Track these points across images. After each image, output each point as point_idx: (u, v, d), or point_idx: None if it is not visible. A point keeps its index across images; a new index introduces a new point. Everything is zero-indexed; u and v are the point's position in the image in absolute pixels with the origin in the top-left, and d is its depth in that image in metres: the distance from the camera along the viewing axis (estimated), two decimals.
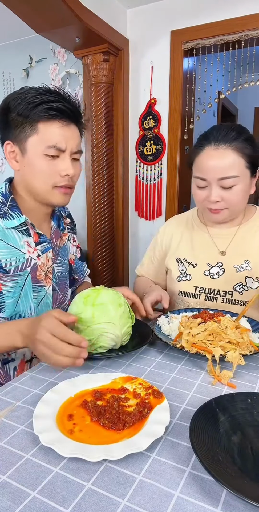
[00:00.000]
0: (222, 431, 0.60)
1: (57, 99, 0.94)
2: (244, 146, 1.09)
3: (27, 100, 0.92)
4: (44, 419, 0.64)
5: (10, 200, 1.00)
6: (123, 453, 0.56)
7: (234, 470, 0.52)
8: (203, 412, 0.63)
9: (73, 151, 0.98)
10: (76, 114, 0.98)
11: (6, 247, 0.96)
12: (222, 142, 1.09)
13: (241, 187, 1.11)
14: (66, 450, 0.57)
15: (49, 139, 0.93)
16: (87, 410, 0.67)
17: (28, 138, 0.93)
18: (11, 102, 0.94)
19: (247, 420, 0.63)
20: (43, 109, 0.91)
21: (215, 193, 1.11)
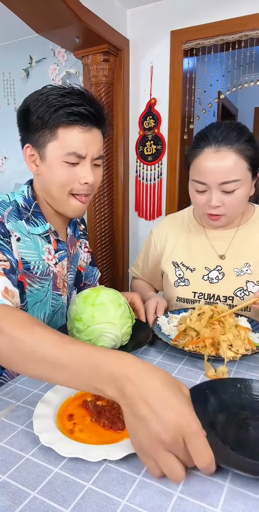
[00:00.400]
0: (210, 410, 0.65)
1: (80, 102, 0.88)
2: (246, 147, 1.03)
3: (48, 103, 0.87)
4: (44, 419, 0.64)
5: (34, 206, 0.96)
6: (123, 453, 0.56)
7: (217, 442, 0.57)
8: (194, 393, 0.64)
9: (94, 157, 0.92)
10: (99, 118, 0.92)
11: (34, 250, 0.95)
12: (223, 143, 1.02)
13: (242, 191, 1.05)
14: (66, 450, 0.57)
15: (69, 146, 0.88)
16: (87, 410, 0.67)
17: (48, 144, 0.89)
18: (32, 104, 0.89)
19: (235, 402, 0.68)
20: (64, 113, 0.86)
21: (216, 197, 1.05)
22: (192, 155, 1.09)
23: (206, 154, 1.04)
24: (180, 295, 1.23)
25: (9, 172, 3.45)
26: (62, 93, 0.88)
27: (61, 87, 0.90)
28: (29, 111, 0.90)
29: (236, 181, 1.03)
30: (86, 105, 0.88)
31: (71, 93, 0.88)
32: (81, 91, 0.90)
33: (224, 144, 1.02)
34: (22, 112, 0.92)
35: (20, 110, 0.93)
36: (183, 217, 1.32)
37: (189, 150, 1.12)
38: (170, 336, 0.99)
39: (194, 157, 1.08)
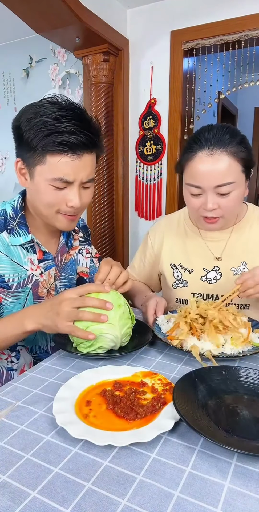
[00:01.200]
0: (200, 396, 0.70)
1: (72, 129, 0.84)
2: (238, 149, 1.03)
3: (38, 127, 0.84)
4: (63, 402, 0.69)
5: (20, 217, 0.99)
6: (128, 441, 0.58)
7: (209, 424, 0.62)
8: (184, 381, 0.72)
9: (83, 181, 0.91)
10: (92, 145, 0.89)
11: (10, 263, 0.96)
12: (217, 146, 1.02)
13: (237, 193, 1.05)
14: (77, 432, 0.60)
15: (56, 172, 0.87)
16: (105, 398, 0.71)
17: (36, 166, 0.89)
18: (23, 123, 0.87)
19: (221, 388, 0.74)
20: (53, 141, 0.84)
21: (212, 200, 1.05)
22: (185, 159, 1.08)
23: (200, 157, 1.03)
24: (179, 297, 1.24)
25: (9, 172, 3.45)
26: (56, 116, 0.84)
27: (57, 104, 0.87)
28: (20, 128, 0.88)
29: (231, 183, 1.03)
30: (79, 132, 0.85)
31: (65, 116, 0.85)
32: (77, 114, 0.87)
33: (218, 147, 1.02)
34: (15, 127, 0.92)
35: (13, 124, 0.92)
36: (179, 219, 1.32)
37: (182, 154, 1.11)
38: None
39: (188, 161, 1.07)
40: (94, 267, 1.26)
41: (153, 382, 0.77)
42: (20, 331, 0.88)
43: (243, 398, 0.72)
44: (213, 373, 0.77)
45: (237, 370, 0.78)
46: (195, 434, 0.62)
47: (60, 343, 0.93)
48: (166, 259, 1.29)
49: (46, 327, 0.86)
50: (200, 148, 1.04)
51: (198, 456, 0.58)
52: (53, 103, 0.87)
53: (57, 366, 0.86)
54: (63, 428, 0.62)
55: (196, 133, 1.08)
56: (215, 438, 0.57)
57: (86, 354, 0.89)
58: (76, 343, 0.90)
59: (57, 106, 0.87)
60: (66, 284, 1.12)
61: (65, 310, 0.83)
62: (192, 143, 1.06)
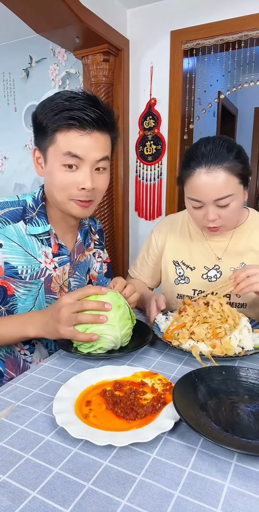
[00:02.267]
0: (200, 396, 0.70)
1: (82, 106, 0.86)
2: (235, 164, 1.06)
3: (49, 108, 0.88)
4: (63, 402, 0.69)
5: (40, 207, 1.00)
6: (128, 441, 0.58)
7: (209, 424, 0.63)
8: (184, 381, 0.72)
9: (96, 159, 0.91)
10: (102, 122, 0.90)
11: (24, 254, 0.97)
12: (214, 163, 1.05)
13: (236, 203, 1.10)
14: (77, 432, 0.60)
15: (65, 146, 0.88)
16: (105, 398, 0.71)
17: (48, 148, 0.91)
18: (38, 109, 0.91)
19: (221, 388, 0.74)
20: (62, 117, 0.87)
21: (212, 212, 1.10)
22: (184, 175, 1.13)
23: (198, 174, 1.07)
24: (180, 292, 1.30)
25: (9, 172, 3.45)
26: (67, 97, 0.87)
27: (72, 92, 0.89)
28: (36, 116, 0.92)
29: (229, 196, 1.07)
30: (88, 109, 0.87)
31: (76, 97, 0.87)
32: (88, 96, 0.89)
33: (215, 163, 1.05)
34: (32, 116, 0.94)
35: (32, 114, 0.95)
36: (183, 220, 1.37)
37: (181, 169, 1.16)
38: None
39: (187, 177, 1.11)
40: (102, 273, 1.26)
41: (153, 382, 0.77)
42: (22, 335, 0.90)
43: (243, 398, 0.72)
44: (213, 373, 0.77)
45: (237, 370, 0.78)
46: (195, 434, 0.62)
47: (61, 343, 0.93)
48: (169, 256, 1.34)
49: (49, 334, 0.87)
50: (197, 165, 1.07)
51: (198, 456, 0.58)
52: (66, 92, 0.90)
53: (57, 366, 0.86)
54: (63, 428, 0.62)
55: (193, 149, 1.10)
56: (215, 438, 0.57)
57: (86, 354, 0.89)
58: (76, 343, 0.90)
59: (72, 92, 0.89)
60: (79, 283, 1.13)
61: (65, 315, 0.84)
62: (190, 160, 1.10)
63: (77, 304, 0.85)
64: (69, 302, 0.85)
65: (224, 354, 0.87)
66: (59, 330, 0.84)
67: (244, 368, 0.79)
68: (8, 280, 0.95)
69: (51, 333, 0.87)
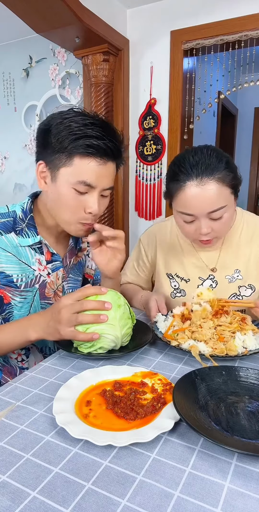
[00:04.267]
0: (200, 396, 0.70)
1: (100, 135, 0.88)
2: (226, 174, 1.02)
3: (70, 129, 0.87)
4: (63, 402, 0.69)
5: (29, 219, 1.00)
6: (128, 441, 0.58)
7: (209, 424, 0.63)
8: (184, 381, 0.72)
9: (104, 188, 0.94)
10: (117, 152, 0.93)
11: (18, 263, 0.98)
12: (205, 175, 1.00)
13: (229, 214, 1.07)
14: (77, 432, 0.60)
15: (81, 175, 0.89)
16: (105, 399, 0.71)
17: (61, 168, 0.90)
18: (54, 126, 0.90)
19: (221, 388, 0.74)
20: (84, 144, 0.87)
21: (205, 225, 1.05)
22: (173, 189, 1.07)
23: (189, 187, 1.02)
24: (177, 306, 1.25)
25: (9, 172, 3.45)
26: (85, 123, 0.88)
27: (84, 114, 0.91)
28: (50, 131, 0.90)
29: (222, 208, 1.03)
30: (106, 139, 0.88)
31: (93, 124, 0.89)
32: (103, 123, 0.91)
33: (206, 175, 1.00)
34: (43, 130, 0.93)
35: (41, 128, 0.93)
36: (172, 231, 1.31)
37: (168, 182, 1.09)
38: None
39: (177, 190, 1.05)
40: (98, 270, 1.26)
41: (153, 382, 0.77)
42: (24, 340, 0.90)
43: (243, 398, 0.72)
44: (213, 373, 0.77)
45: (237, 370, 0.78)
46: (195, 434, 0.62)
47: (61, 343, 0.93)
48: (162, 269, 1.30)
49: (50, 335, 0.88)
50: (188, 178, 1.02)
51: (198, 456, 0.58)
52: (79, 113, 0.91)
53: (57, 366, 0.86)
54: (63, 428, 0.62)
55: (180, 160, 1.05)
56: (215, 438, 0.57)
57: (86, 354, 0.89)
58: (76, 343, 0.90)
59: (84, 115, 0.90)
60: (73, 285, 1.13)
61: (65, 317, 0.84)
62: (178, 172, 1.04)
63: (77, 305, 0.85)
64: (69, 303, 0.85)
65: (224, 354, 0.87)
66: (60, 331, 0.85)
67: (244, 368, 0.79)
68: (4, 289, 0.96)
69: (52, 334, 0.87)
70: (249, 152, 5.23)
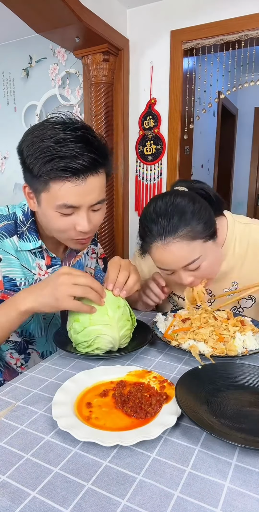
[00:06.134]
0: (201, 393, 0.71)
1: (74, 153, 0.80)
2: (193, 227, 0.94)
3: (39, 153, 0.81)
4: (62, 406, 0.68)
5: (30, 223, 0.97)
6: (135, 439, 0.59)
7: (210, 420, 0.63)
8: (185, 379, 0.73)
9: (91, 204, 0.88)
10: (97, 165, 0.85)
11: (21, 267, 0.97)
12: (168, 234, 0.94)
13: (208, 261, 1.00)
14: (82, 435, 0.60)
15: (60, 198, 0.84)
16: (113, 398, 0.72)
17: (41, 193, 0.86)
18: (25, 148, 0.84)
19: (225, 384, 0.74)
20: (54, 168, 0.80)
21: (185, 276, 1.00)
22: (144, 247, 1.03)
23: (156, 249, 0.98)
24: None
25: (9, 172, 3.45)
26: (57, 138, 0.80)
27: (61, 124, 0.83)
28: (22, 154, 0.86)
29: (196, 260, 0.97)
30: (81, 156, 0.81)
31: (68, 139, 0.80)
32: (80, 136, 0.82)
33: (169, 235, 0.94)
34: (18, 151, 0.88)
35: (17, 148, 0.88)
36: None
37: (141, 241, 1.05)
38: None
39: (147, 249, 1.02)
40: (99, 267, 1.25)
41: (149, 380, 0.78)
42: (14, 314, 0.83)
43: (245, 396, 0.72)
44: (214, 371, 0.77)
45: (241, 367, 0.78)
46: (195, 434, 0.62)
47: (60, 342, 0.93)
48: None
49: (43, 304, 0.83)
50: (152, 240, 0.97)
51: (198, 456, 0.58)
52: (57, 124, 0.84)
53: (57, 366, 0.86)
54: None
55: (143, 220, 1.00)
56: (217, 433, 0.57)
57: (85, 354, 0.88)
58: (75, 343, 0.90)
59: (61, 127, 0.82)
60: None
61: (65, 282, 0.81)
62: (143, 234, 1.01)
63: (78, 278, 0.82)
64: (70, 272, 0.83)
65: (224, 354, 0.87)
66: (56, 296, 0.80)
67: (248, 365, 0.79)
68: (8, 294, 0.95)
69: (46, 303, 0.82)
70: (249, 152, 5.23)
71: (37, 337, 1.04)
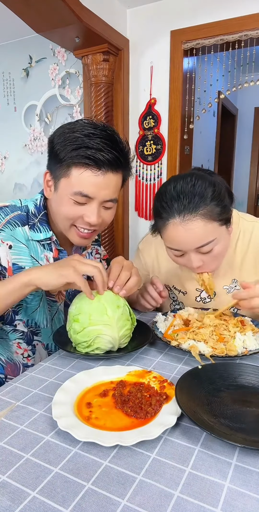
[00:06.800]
0: (201, 394, 0.71)
1: (100, 146, 0.87)
2: (211, 208, 0.95)
3: (68, 141, 0.88)
4: (62, 406, 0.68)
5: (42, 214, 1.01)
6: (135, 439, 0.59)
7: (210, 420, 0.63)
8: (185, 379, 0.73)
9: (104, 199, 0.93)
10: (118, 163, 0.91)
11: (29, 257, 0.99)
12: (187, 212, 0.94)
13: (220, 246, 1.00)
14: (82, 435, 0.60)
15: (78, 185, 0.89)
16: (113, 398, 0.72)
17: (61, 178, 0.91)
18: (56, 137, 0.92)
19: (225, 384, 0.75)
20: (79, 154, 0.87)
21: (195, 259, 1.00)
22: (158, 224, 1.03)
23: (173, 226, 0.97)
24: None
25: (9, 172, 3.45)
26: (87, 133, 0.88)
27: (92, 124, 0.90)
28: (53, 142, 0.92)
29: (211, 242, 0.97)
30: (106, 150, 0.87)
31: (96, 135, 0.88)
32: (106, 133, 0.89)
33: (188, 211, 0.94)
34: (49, 140, 0.95)
35: (48, 138, 0.96)
36: None
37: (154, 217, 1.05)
38: None
39: (161, 227, 1.01)
40: None
41: (148, 380, 0.78)
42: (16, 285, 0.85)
43: (245, 396, 0.72)
44: (214, 371, 0.78)
45: (240, 367, 0.78)
46: (195, 434, 0.62)
47: (60, 342, 0.93)
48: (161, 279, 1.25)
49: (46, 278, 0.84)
50: (170, 216, 0.97)
51: (198, 456, 0.58)
52: (88, 123, 0.91)
53: (57, 366, 0.86)
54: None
55: (162, 194, 0.99)
56: (217, 434, 0.58)
57: (85, 354, 0.88)
58: (75, 343, 0.90)
59: (92, 125, 0.90)
60: None
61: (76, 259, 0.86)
62: (160, 210, 0.99)
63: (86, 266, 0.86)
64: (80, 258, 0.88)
65: (224, 354, 0.87)
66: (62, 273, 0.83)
67: (248, 365, 0.79)
68: None
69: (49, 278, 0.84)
70: (249, 152, 5.23)
71: (43, 328, 1.05)
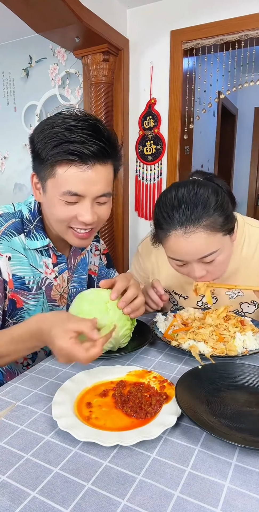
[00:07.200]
0: (201, 393, 0.71)
1: (83, 139, 0.80)
2: (215, 218, 0.91)
3: (48, 137, 0.81)
4: (62, 406, 0.68)
5: (38, 221, 0.96)
6: (135, 439, 0.59)
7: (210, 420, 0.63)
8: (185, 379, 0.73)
9: (97, 195, 0.86)
10: (105, 154, 0.84)
11: (29, 266, 0.96)
12: (190, 223, 0.90)
13: (223, 256, 0.97)
14: (82, 435, 0.60)
15: (64, 184, 0.82)
16: (113, 398, 0.72)
17: (47, 180, 0.85)
18: (36, 135, 0.85)
19: (225, 384, 0.75)
20: (61, 151, 0.80)
21: (198, 269, 0.97)
22: (159, 234, 0.99)
23: (174, 238, 0.93)
24: None
25: (9, 172, 3.45)
26: (68, 126, 0.81)
27: (72, 115, 0.83)
28: (33, 141, 0.86)
29: (214, 252, 0.94)
30: (90, 142, 0.80)
31: (78, 126, 0.81)
32: (91, 125, 0.82)
33: (191, 223, 0.90)
34: (30, 140, 0.89)
35: (29, 138, 0.89)
36: None
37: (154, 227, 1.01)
38: None
39: (163, 238, 0.98)
40: (102, 264, 1.24)
41: (148, 380, 0.78)
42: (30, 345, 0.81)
43: (245, 396, 0.72)
44: (214, 371, 0.78)
45: (240, 367, 0.79)
46: (195, 434, 0.62)
47: None
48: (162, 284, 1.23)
49: None
50: (172, 227, 0.93)
51: (198, 456, 0.58)
52: (69, 115, 0.84)
53: (57, 366, 0.86)
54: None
55: (164, 204, 0.95)
56: (217, 434, 0.58)
57: None
58: None
59: (72, 117, 0.83)
60: (77, 285, 1.11)
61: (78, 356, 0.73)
62: (161, 221, 0.96)
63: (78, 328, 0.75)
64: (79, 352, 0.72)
65: (224, 354, 0.87)
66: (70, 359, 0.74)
67: (248, 365, 0.79)
68: (17, 293, 0.94)
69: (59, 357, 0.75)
70: (249, 152, 5.22)
71: None
